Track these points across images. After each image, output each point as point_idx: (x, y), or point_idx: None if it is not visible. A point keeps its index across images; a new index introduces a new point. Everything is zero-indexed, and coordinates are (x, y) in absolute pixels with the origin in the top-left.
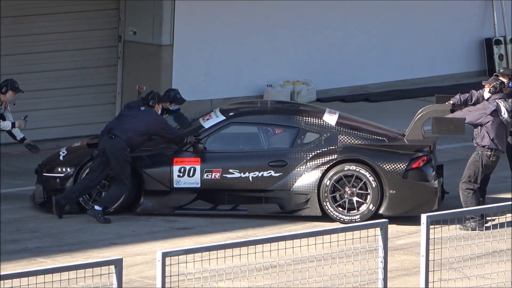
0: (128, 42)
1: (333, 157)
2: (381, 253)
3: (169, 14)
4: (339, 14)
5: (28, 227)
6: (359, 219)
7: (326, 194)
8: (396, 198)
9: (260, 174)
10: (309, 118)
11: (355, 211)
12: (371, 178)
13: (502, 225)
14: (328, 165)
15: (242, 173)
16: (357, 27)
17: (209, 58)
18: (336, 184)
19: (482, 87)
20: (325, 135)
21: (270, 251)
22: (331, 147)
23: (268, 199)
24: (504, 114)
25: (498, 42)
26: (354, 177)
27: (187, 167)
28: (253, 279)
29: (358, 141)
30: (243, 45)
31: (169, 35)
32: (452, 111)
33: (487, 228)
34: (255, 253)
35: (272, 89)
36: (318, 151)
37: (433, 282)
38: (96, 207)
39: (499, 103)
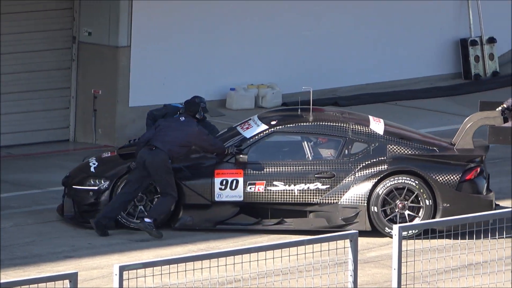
0: (83, 43)
1: (383, 168)
2: (350, 266)
3: (126, 14)
4: (306, 15)
5: None
6: (411, 234)
7: (376, 208)
8: (450, 211)
9: (306, 187)
10: (356, 127)
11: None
12: (423, 191)
13: (478, 236)
14: (379, 177)
15: (287, 186)
16: (326, 28)
17: (168, 61)
18: (387, 197)
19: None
20: (373, 145)
21: (234, 264)
22: (380, 158)
23: (314, 213)
24: None
25: (474, 43)
26: (405, 190)
27: (229, 179)
28: None
29: (408, 151)
30: (205, 47)
31: (126, 36)
32: (505, 118)
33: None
34: (217, 266)
35: (235, 93)
36: (367, 162)
37: None
38: (147, 220)
39: None
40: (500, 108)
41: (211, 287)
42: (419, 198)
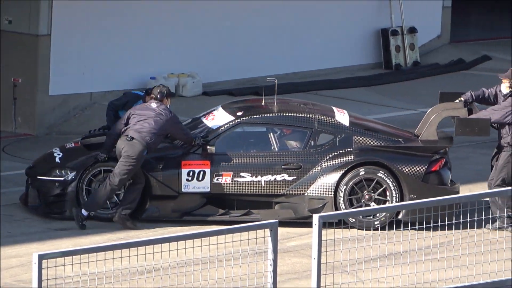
0: (3, 31)
1: (350, 160)
2: (270, 255)
3: (46, 2)
4: (227, 3)
5: None
6: (378, 225)
7: (343, 199)
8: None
9: (273, 178)
10: (322, 118)
11: (372, 217)
12: (390, 183)
13: (398, 226)
14: (346, 169)
15: (254, 177)
16: (246, 17)
17: (89, 49)
18: (355, 187)
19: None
20: (339, 136)
21: (153, 253)
22: (347, 149)
23: (281, 204)
24: None
25: (394, 33)
26: (374, 182)
27: (196, 170)
28: (135, 283)
29: (374, 142)
30: (125, 36)
31: (47, 24)
32: (469, 110)
33: (383, 229)
34: (137, 255)
35: (155, 82)
36: (334, 153)
37: (325, 286)
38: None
39: None
40: (462, 98)
41: (130, 276)
42: (386, 190)
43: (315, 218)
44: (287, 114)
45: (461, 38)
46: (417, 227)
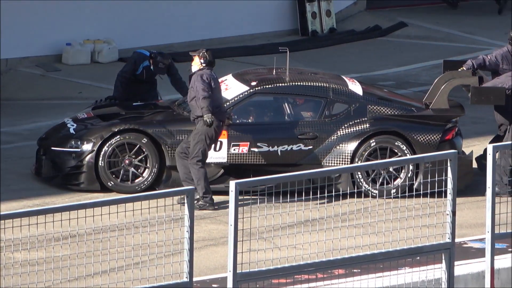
0: None
1: (365, 129)
2: (187, 222)
3: None
4: None
5: None
6: (395, 193)
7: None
8: (432, 172)
9: (289, 148)
10: (336, 87)
11: (390, 184)
12: (406, 151)
13: (314, 192)
14: (362, 138)
15: (270, 147)
16: None
17: (3, 15)
18: (369, 158)
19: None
20: (354, 105)
21: (70, 219)
22: (362, 118)
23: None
24: None
25: (310, 0)
26: (388, 150)
27: None
28: (51, 249)
29: (388, 111)
30: (40, 1)
31: None
32: (480, 78)
33: (299, 196)
34: (53, 221)
35: (71, 48)
36: (349, 123)
37: (242, 252)
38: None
39: None
40: (462, 68)
41: (46, 243)
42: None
43: (232, 184)
44: (301, 83)
45: (377, 5)
46: (333, 193)
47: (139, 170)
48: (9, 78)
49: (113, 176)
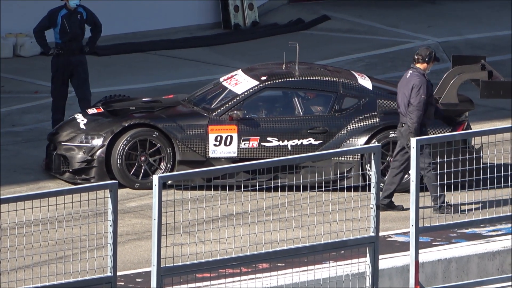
0: None
1: (375, 123)
2: (110, 216)
3: None
4: None
5: None
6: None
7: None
8: (442, 163)
9: (299, 142)
10: (346, 81)
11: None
12: None
13: (239, 187)
14: (372, 132)
15: (280, 141)
16: None
17: None
18: (382, 150)
19: None
20: (363, 99)
21: None
22: (371, 113)
23: (307, 168)
24: None
25: None
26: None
27: (224, 135)
28: None
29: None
30: None
31: None
32: (489, 72)
33: (231, 189)
34: None
35: None
36: (359, 117)
37: (165, 247)
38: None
39: None
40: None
41: None
42: None
43: (155, 178)
44: (311, 78)
45: None
46: (257, 187)
47: (151, 168)
48: None
49: (131, 173)
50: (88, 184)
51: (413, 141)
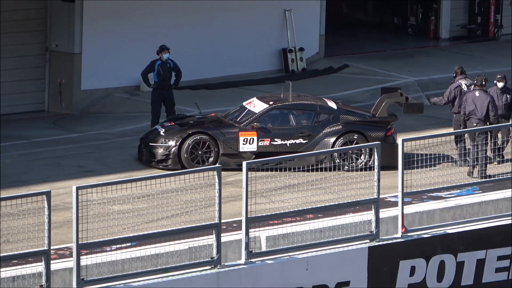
0: (52, 52)
1: (339, 129)
2: (217, 186)
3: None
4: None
5: None
6: (358, 169)
7: (337, 154)
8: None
9: (293, 142)
10: (321, 103)
11: (353, 163)
12: (364, 142)
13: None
14: (338, 135)
15: (282, 141)
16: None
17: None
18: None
19: None
20: (332, 115)
21: None
22: (337, 123)
23: (298, 157)
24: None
25: (290, 51)
26: (355, 142)
27: (248, 137)
28: None
29: (352, 118)
30: None
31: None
32: (406, 97)
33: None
34: None
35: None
36: (330, 126)
37: (250, 205)
38: None
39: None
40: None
41: None
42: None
43: (244, 164)
44: (300, 102)
45: (331, 53)
46: (302, 168)
47: (203, 158)
48: (108, 100)
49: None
50: (199, 168)
51: (400, 141)
